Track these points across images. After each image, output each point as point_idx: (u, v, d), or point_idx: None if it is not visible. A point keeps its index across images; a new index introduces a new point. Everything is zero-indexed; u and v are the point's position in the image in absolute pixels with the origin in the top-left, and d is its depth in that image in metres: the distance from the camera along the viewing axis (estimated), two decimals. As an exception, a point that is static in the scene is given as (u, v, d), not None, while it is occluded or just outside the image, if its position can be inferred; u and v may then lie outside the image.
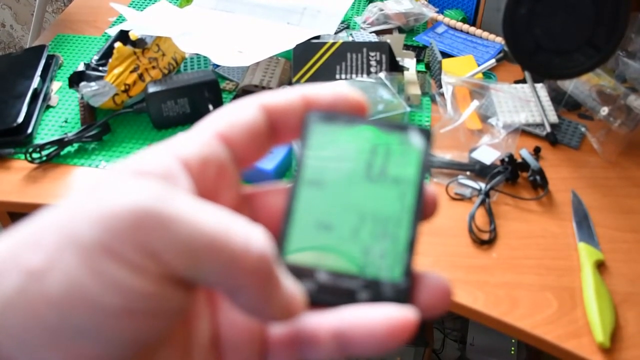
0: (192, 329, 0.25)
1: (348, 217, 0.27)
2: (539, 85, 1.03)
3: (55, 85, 1.10)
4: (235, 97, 1.04)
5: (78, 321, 0.20)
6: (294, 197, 0.27)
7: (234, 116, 0.26)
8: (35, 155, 0.92)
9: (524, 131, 0.98)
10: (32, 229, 0.22)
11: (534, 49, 0.88)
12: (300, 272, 0.26)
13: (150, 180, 0.22)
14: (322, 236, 0.26)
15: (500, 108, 1.00)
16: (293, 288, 0.24)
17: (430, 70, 1.12)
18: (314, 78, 1.00)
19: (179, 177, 0.24)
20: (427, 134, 0.27)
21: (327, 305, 0.25)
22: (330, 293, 0.25)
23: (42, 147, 0.93)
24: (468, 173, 0.90)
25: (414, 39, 1.22)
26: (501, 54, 1.01)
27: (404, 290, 0.25)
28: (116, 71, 0.97)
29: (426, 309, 0.25)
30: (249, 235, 0.22)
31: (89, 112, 1.01)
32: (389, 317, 0.23)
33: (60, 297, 0.20)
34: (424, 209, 0.27)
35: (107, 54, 1.04)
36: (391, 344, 0.23)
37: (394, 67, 1.03)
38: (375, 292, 0.25)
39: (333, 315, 0.25)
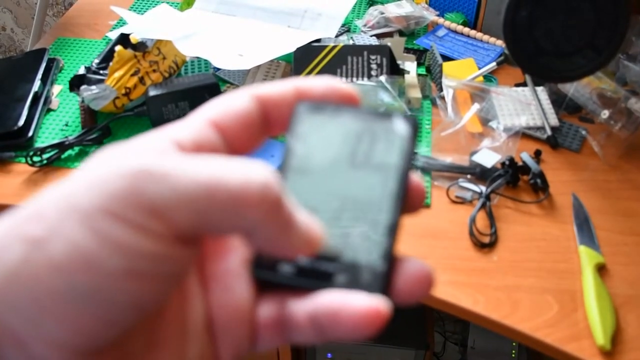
0: (187, 311, 0.26)
1: (330, 202, 0.27)
2: (539, 89, 1.03)
3: (56, 89, 1.10)
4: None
5: (81, 285, 0.21)
6: (282, 184, 0.27)
7: (227, 105, 0.27)
8: (36, 158, 0.93)
9: (524, 134, 0.98)
10: (33, 205, 0.22)
11: (534, 52, 0.89)
12: None
13: (145, 150, 0.23)
14: None
15: (500, 111, 1.00)
16: (307, 217, 0.24)
17: (431, 74, 1.12)
18: (315, 81, 1.00)
19: (170, 152, 0.24)
20: (412, 121, 0.28)
21: (307, 289, 0.25)
22: (309, 276, 0.26)
23: (43, 150, 0.93)
24: (469, 176, 0.90)
25: (414, 42, 1.22)
26: (502, 57, 1.01)
27: (381, 274, 0.26)
28: (117, 74, 0.98)
29: (405, 295, 0.26)
30: (248, 171, 0.22)
31: (89, 115, 1.01)
32: (360, 306, 0.24)
33: (63, 262, 0.21)
34: (409, 197, 0.27)
35: (108, 57, 1.04)
36: (361, 332, 0.23)
37: (395, 71, 1.03)
38: (353, 275, 0.26)
39: (310, 300, 0.25)
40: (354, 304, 0.24)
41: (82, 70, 1.00)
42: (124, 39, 1.07)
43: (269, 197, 0.22)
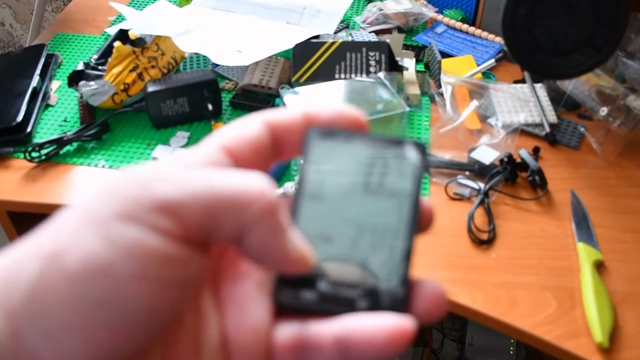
0: (202, 331, 0.26)
1: (347, 229, 0.28)
2: (538, 85, 1.03)
3: (55, 84, 1.10)
4: (235, 96, 1.04)
5: (94, 292, 0.21)
6: (296, 210, 0.28)
7: (239, 131, 0.28)
8: (34, 154, 0.92)
9: (523, 131, 0.98)
10: (54, 222, 0.23)
11: (533, 49, 0.88)
12: (302, 282, 0.27)
13: (155, 166, 0.25)
14: (323, 247, 0.27)
15: (499, 108, 1.00)
16: (301, 240, 0.26)
17: (430, 70, 1.12)
18: (313, 77, 1.00)
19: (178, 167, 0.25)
20: (421, 148, 0.29)
21: (329, 314, 0.26)
22: (331, 302, 0.26)
23: (42, 146, 0.93)
24: (467, 173, 0.90)
25: (413, 38, 1.22)
26: (500, 54, 1.01)
27: (402, 299, 0.27)
28: (115, 70, 0.97)
29: (423, 316, 0.27)
30: (248, 177, 0.24)
31: (88, 111, 1.01)
32: (388, 325, 0.24)
33: (77, 271, 0.21)
34: (420, 221, 0.28)
35: (107, 53, 1.04)
36: (390, 351, 0.24)
37: (393, 67, 1.03)
38: (374, 300, 0.26)
39: (335, 323, 0.26)
40: (383, 324, 0.25)
41: (80, 66, 1.00)
42: (122, 35, 1.07)
43: (266, 198, 0.24)
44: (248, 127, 0.28)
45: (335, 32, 1.16)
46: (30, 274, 0.22)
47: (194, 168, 0.25)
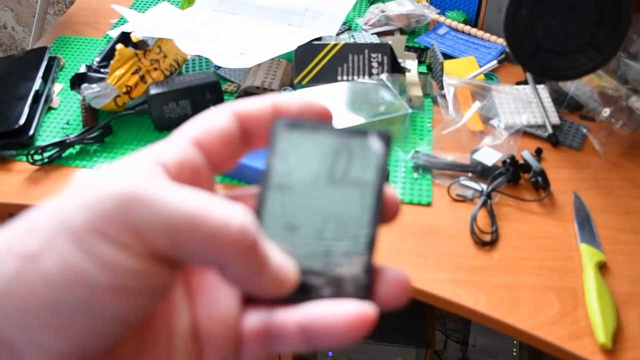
0: (174, 321, 0.27)
1: (312, 218, 0.28)
2: (540, 87, 1.03)
3: (57, 87, 1.10)
4: (237, 98, 1.04)
5: (73, 298, 0.22)
6: (263, 200, 0.29)
7: (208, 123, 0.28)
8: (36, 157, 0.93)
9: (525, 132, 0.98)
10: (26, 220, 0.24)
11: (535, 50, 0.88)
12: None
13: (134, 173, 0.24)
14: (288, 237, 0.28)
15: (501, 109, 1.00)
16: (282, 260, 0.26)
17: (432, 72, 1.12)
18: (316, 79, 1.00)
19: (158, 176, 0.25)
20: (386, 138, 0.29)
21: (294, 301, 0.27)
22: (296, 289, 0.27)
23: (44, 148, 0.93)
24: (470, 174, 0.90)
25: (415, 40, 1.22)
26: (503, 55, 1.01)
27: (365, 286, 0.27)
28: (118, 73, 0.98)
29: (387, 302, 0.27)
30: (229, 212, 0.24)
31: (90, 113, 1.01)
32: (350, 312, 0.25)
33: (55, 277, 0.22)
34: (384, 210, 0.29)
35: (109, 55, 1.04)
36: (351, 337, 0.25)
37: (396, 69, 1.03)
38: (338, 288, 0.27)
39: (299, 310, 0.26)
40: (344, 310, 0.25)
41: (83, 69, 1.00)
42: (125, 38, 1.07)
43: (245, 240, 0.24)
44: (217, 119, 0.28)
45: (338, 34, 1.16)
46: (6, 271, 0.22)
47: (170, 169, 0.25)
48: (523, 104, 1.01)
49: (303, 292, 0.27)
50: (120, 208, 0.23)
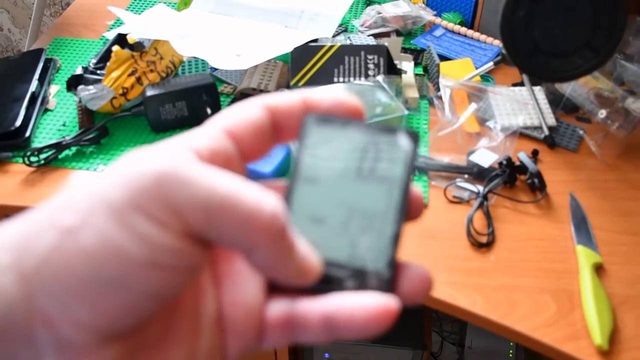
0: (200, 306, 0.28)
1: (339, 211, 0.29)
2: (537, 88, 1.03)
3: (53, 89, 1.10)
4: (233, 100, 1.04)
5: (109, 272, 0.23)
6: (291, 192, 0.29)
7: (241, 115, 0.28)
8: (33, 158, 0.92)
9: (521, 134, 0.98)
10: (65, 196, 0.25)
11: (532, 52, 0.89)
12: None
13: (171, 154, 0.25)
14: (315, 229, 0.29)
15: (498, 111, 1.00)
16: (307, 250, 0.27)
17: (428, 74, 1.12)
18: (312, 81, 1.00)
19: (193, 159, 0.26)
20: (414, 136, 0.30)
21: (318, 292, 0.27)
22: (320, 281, 0.27)
23: (40, 150, 0.92)
24: (466, 176, 0.90)
25: (411, 42, 1.22)
26: (499, 57, 1.01)
27: (388, 280, 0.28)
28: (114, 74, 0.97)
29: (408, 297, 0.28)
30: (262, 197, 0.24)
31: (86, 115, 1.01)
32: (372, 304, 0.25)
33: (93, 251, 0.23)
34: (409, 207, 0.29)
35: (105, 57, 1.03)
36: (373, 329, 0.25)
37: (392, 70, 1.03)
38: (361, 281, 0.28)
39: (322, 301, 0.27)
40: (367, 303, 0.26)
41: (79, 71, 1.00)
42: (121, 39, 1.07)
43: (276, 225, 0.24)
44: (249, 111, 0.29)
45: (334, 36, 1.16)
46: (45, 244, 0.23)
47: (203, 156, 0.26)
48: (519, 105, 1.01)
49: (326, 284, 0.27)
50: (159, 185, 0.23)
